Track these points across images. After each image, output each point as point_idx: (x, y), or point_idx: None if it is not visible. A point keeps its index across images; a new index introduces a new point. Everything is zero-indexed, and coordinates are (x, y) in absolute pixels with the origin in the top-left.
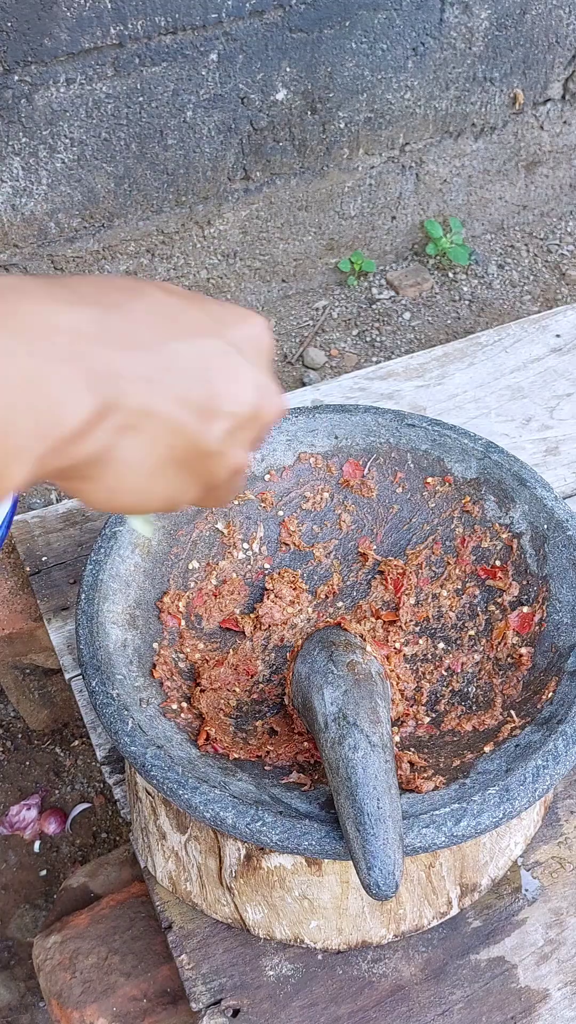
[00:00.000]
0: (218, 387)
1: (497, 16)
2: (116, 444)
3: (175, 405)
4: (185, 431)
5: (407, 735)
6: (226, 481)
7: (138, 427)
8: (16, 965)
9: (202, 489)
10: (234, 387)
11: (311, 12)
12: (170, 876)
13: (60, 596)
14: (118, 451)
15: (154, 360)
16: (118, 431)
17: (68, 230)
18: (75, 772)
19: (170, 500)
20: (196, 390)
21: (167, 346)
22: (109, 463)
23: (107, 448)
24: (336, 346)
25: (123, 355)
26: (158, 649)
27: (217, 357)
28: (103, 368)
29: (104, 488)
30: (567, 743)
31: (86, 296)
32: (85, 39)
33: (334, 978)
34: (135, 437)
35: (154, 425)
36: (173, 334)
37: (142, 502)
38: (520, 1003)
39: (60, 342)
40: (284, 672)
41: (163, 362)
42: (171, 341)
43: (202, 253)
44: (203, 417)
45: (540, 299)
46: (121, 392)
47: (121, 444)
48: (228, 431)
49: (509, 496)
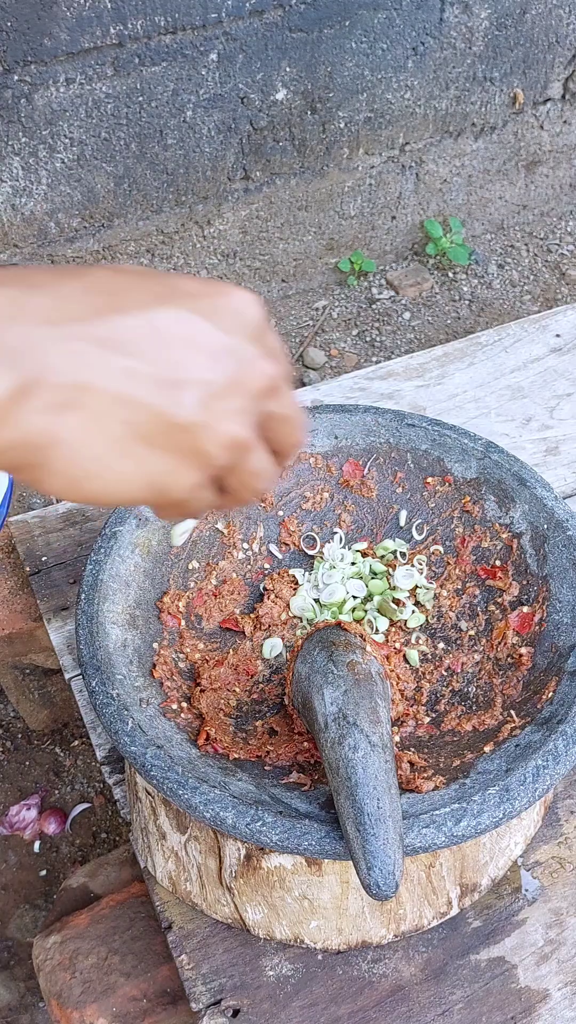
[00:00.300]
0: (176, 355)
1: (497, 16)
2: (55, 424)
3: (121, 377)
4: (140, 403)
5: (407, 735)
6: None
7: (76, 403)
8: (16, 965)
9: (198, 469)
10: (196, 355)
11: (311, 12)
12: (170, 876)
13: (60, 596)
14: (60, 431)
15: (87, 331)
16: (52, 409)
17: (68, 230)
18: (75, 772)
19: (152, 483)
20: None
21: (106, 319)
22: (54, 446)
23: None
24: (336, 346)
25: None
26: (158, 649)
27: (174, 325)
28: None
29: (59, 474)
30: (567, 743)
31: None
32: (85, 39)
33: (334, 978)
34: (76, 415)
35: (97, 400)
36: (114, 307)
37: (114, 487)
38: (520, 1003)
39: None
40: (284, 672)
41: (100, 334)
42: (111, 314)
43: (202, 253)
44: (163, 387)
45: (540, 299)
46: (44, 367)
47: (61, 424)
48: (201, 400)
49: (509, 496)
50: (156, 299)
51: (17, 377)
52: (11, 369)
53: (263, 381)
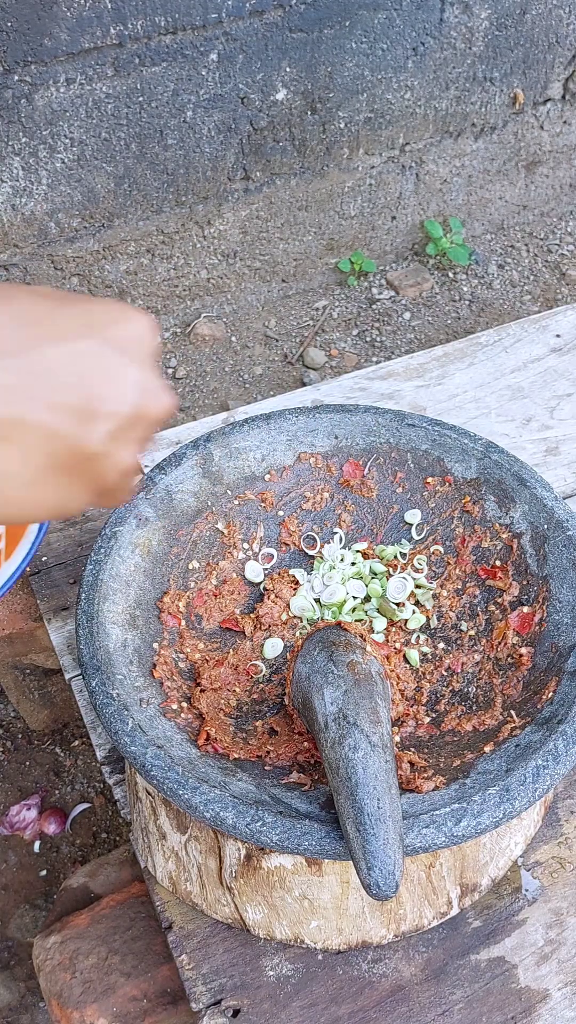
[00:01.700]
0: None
1: (497, 16)
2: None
3: (47, 411)
4: (62, 436)
5: (407, 735)
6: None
7: (8, 437)
8: (16, 965)
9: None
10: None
11: (311, 12)
12: (170, 876)
13: (60, 596)
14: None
15: (19, 365)
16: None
17: (68, 230)
18: (75, 772)
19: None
20: (70, 393)
21: (35, 351)
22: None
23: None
24: (336, 346)
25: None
26: (158, 649)
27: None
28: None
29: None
30: (567, 743)
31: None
32: (85, 39)
33: (334, 978)
34: (6, 448)
35: (26, 433)
36: (41, 338)
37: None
38: (520, 1003)
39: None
40: (284, 672)
41: (30, 367)
42: (39, 345)
43: (202, 253)
44: (81, 420)
45: (540, 299)
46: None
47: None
48: (111, 432)
49: (509, 496)
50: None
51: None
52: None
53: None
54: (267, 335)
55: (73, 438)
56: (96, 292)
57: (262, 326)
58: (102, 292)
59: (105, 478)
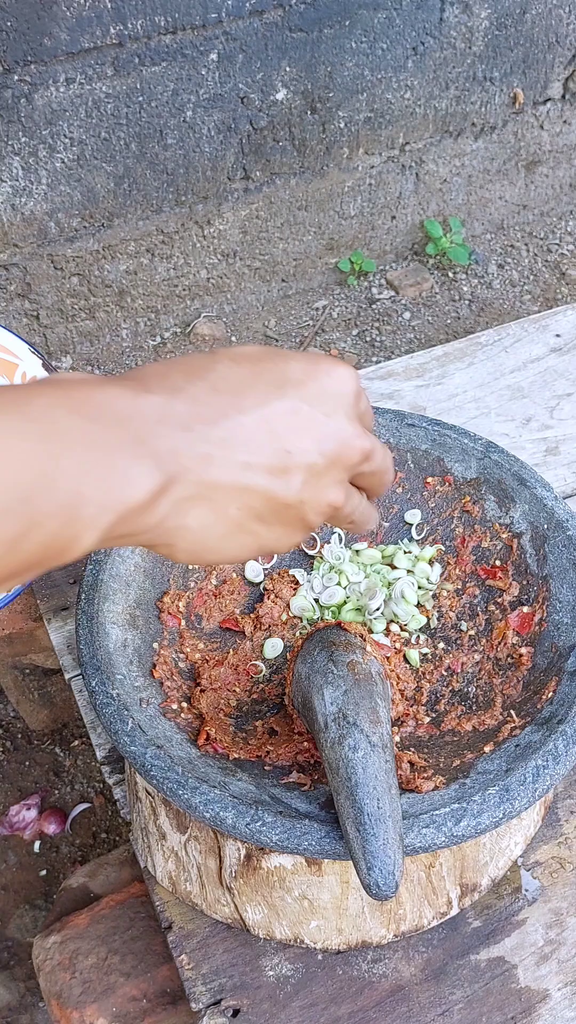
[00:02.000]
0: (286, 445)
1: (497, 16)
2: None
3: (239, 471)
4: (257, 491)
5: (407, 735)
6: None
7: (203, 496)
8: (16, 965)
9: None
10: (303, 442)
11: (311, 12)
12: (170, 876)
13: (60, 596)
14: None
15: (215, 434)
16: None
17: (68, 230)
18: (75, 772)
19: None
20: (262, 453)
21: (229, 420)
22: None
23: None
24: (336, 346)
25: (183, 435)
26: (158, 649)
27: (283, 417)
28: (166, 449)
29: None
30: (567, 743)
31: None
32: (85, 39)
33: (334, 978)
34: (201, 506)
35: (219, 493)
36: (235, 407)
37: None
38: (520, 1003)
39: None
40: (284, 672)
41: (224, 435)
42: (233, 414)
43: (202, 253)
44: (274, 475)
45: (540, 299)
46: (182, 468)
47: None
48: (306, 480)
49: (509, 496)
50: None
51: (162, 477)
52: (158, 470)
53: (358, 456)
54: (267, 335)
55: (269, 491)
56: (96, 292)
57: (262, 326)
58: (102, 292)
59: (309, 519)
